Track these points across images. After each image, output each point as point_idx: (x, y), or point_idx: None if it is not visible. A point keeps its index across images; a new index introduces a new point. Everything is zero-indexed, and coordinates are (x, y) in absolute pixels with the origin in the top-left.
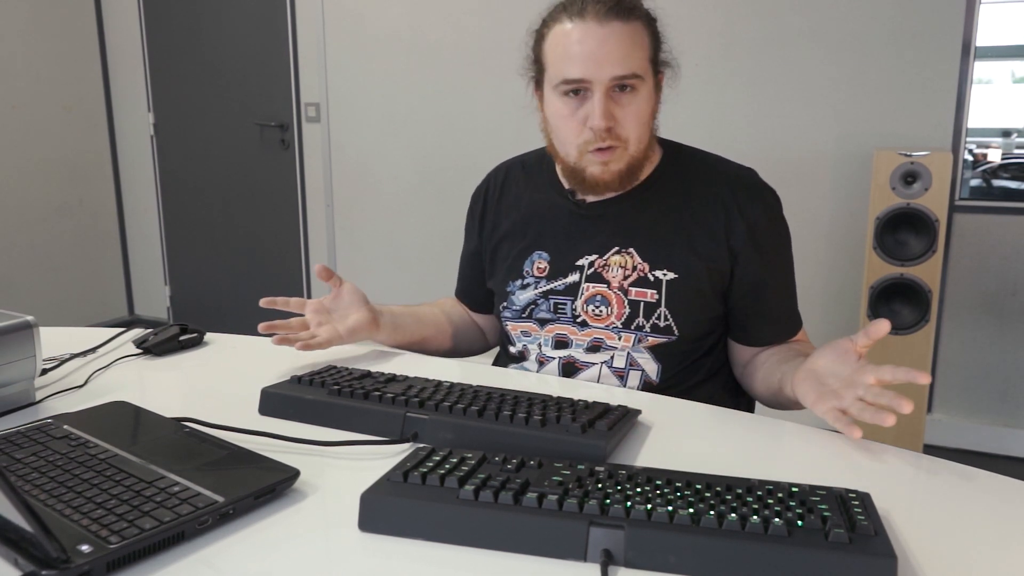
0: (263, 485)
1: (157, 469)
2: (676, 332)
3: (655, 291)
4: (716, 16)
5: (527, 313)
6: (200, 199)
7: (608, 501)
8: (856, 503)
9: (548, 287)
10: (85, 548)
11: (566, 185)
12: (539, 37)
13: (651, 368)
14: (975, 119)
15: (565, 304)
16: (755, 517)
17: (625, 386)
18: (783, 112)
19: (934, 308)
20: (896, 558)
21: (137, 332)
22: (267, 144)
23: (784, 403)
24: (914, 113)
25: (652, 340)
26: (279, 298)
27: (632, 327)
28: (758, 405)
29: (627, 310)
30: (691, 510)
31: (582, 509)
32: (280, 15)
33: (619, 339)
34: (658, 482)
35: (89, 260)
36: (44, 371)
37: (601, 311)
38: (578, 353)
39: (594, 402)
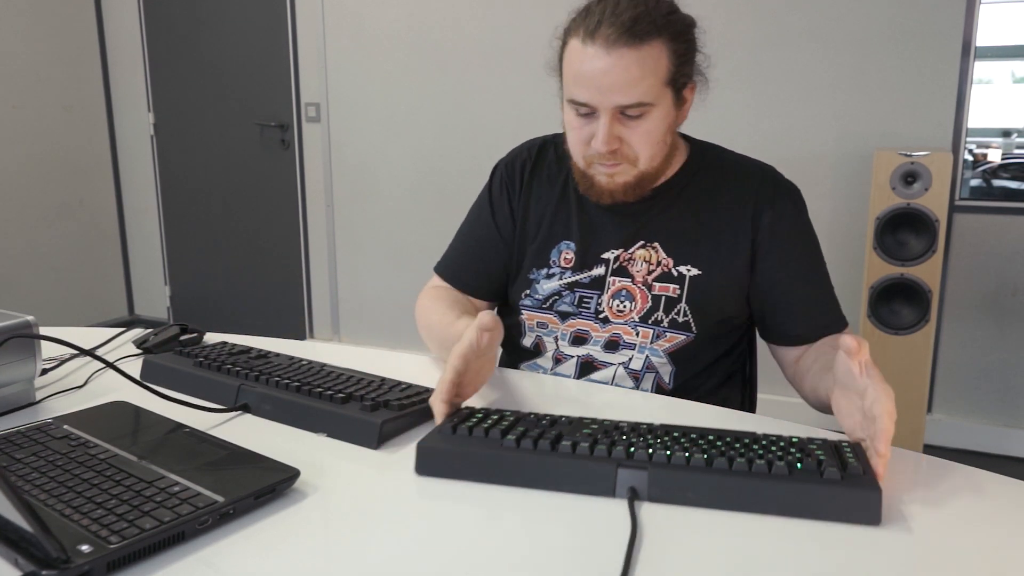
0: (263, 485)
1: (157, 469)
2: (694, 329)
3: (677, 286)
4: (716, 16)
5: (548, 304)
6: (200, 199)
7: (632, 449)
8: (848, 450)
9: (574, 279)
10: (85, 548)
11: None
12: (562, 43)
13: (666, 371)
14: (975, 119)
15: (591, 299)
16: (760, 460)
17: (639, 388)
18: (783, 112)
19: (934, 308)
20: (880, 491)
21: (137, 332)
22: (267, 144)
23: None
24: (914, 113)
25: (670, 336)
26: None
27: (651, 321)
28: (759, 404)
29: (649, 304)
30: (705, 455)
31: (610, 454)
32: (280, 15)
33: (637, 334)
34: (675, 434)
35: (89, 260)
36: (44, 371)
37: (625, 306)
38: (596, 351)
39: (417, 386)
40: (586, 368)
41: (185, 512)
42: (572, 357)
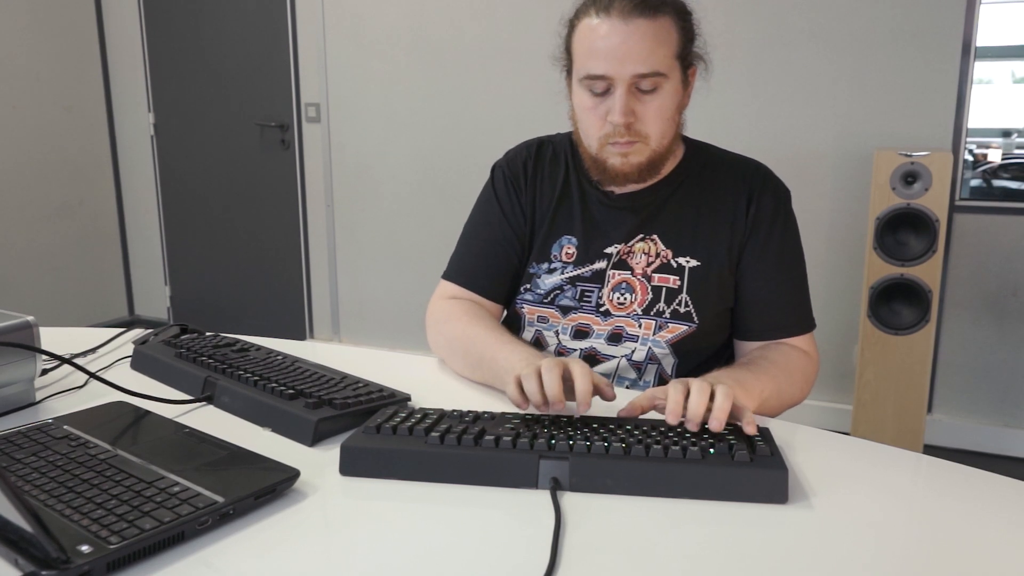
0: (263, 485)
1: (157, 469)
2: (695, 320)
3: (677, 277)
4: (716, 16)
5: (550, 299)
6: (200, 199)
7: (553, 440)
8: (758, 436)
9: (575, 273)
10: (85, 548)
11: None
12: (570, 28)
13: (668, 363)
14: (975, 119)
15: (591, 292)
16: (675, 447)
17: (641, 380)
18: (783, 112)
19: (934, 308)
20: (787, 470)
21: (137, 332)
22: (267, 144)
23: None
24: (914, 113)
25: (672, 327)
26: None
27: (653, 313)
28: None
29: (650, 296)
30: (623, 444)
31: (532, 446)
32: (280, 15)
33: (639, 326)
34: (594, 425)
35: (89, 260)
36: (44, 371)
37: (625, 299)
38: (599, 344)
39: (376, 385)
40: (588, 361)
41: (185, 512)
42: (574, 351)
